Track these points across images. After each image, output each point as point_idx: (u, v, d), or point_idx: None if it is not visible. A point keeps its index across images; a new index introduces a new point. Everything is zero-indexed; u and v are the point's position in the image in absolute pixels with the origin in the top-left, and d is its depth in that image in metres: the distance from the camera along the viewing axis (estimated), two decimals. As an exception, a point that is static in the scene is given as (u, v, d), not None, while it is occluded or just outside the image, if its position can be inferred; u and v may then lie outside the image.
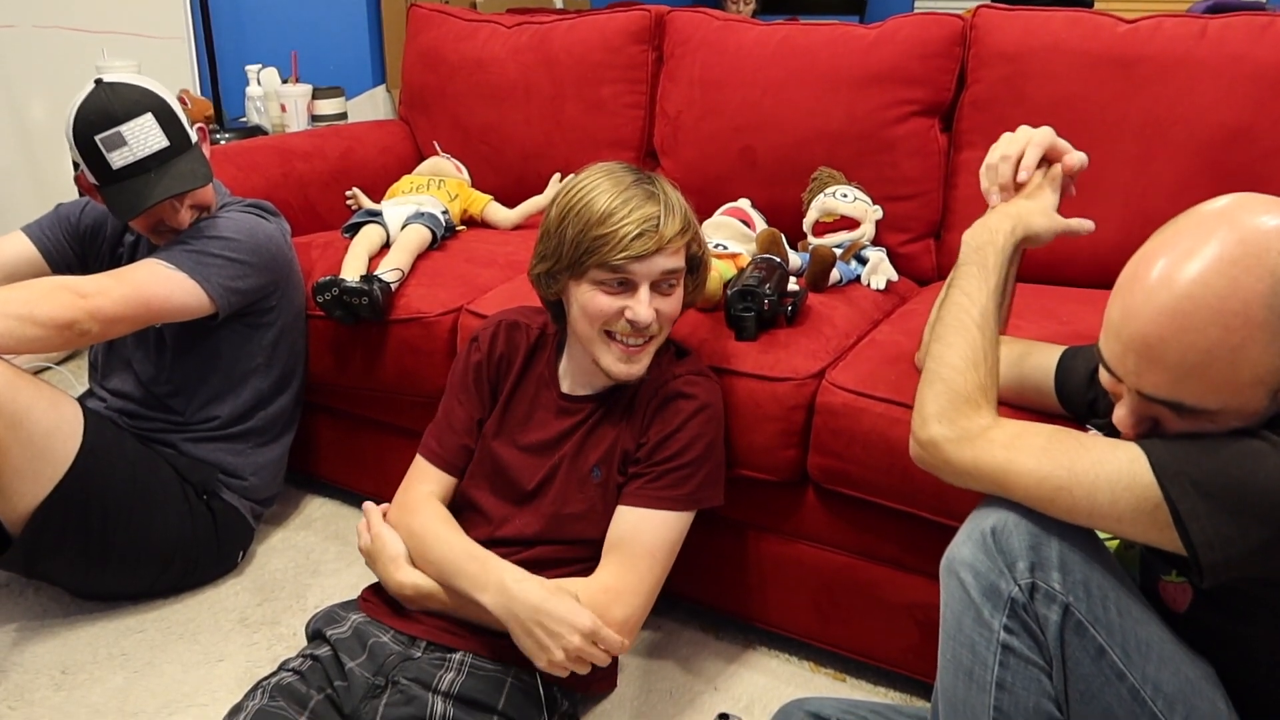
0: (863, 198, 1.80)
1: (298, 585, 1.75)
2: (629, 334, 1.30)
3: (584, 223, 1.25)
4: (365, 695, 1.24)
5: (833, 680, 1.55)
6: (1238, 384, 0.85)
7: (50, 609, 1.67)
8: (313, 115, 2.61)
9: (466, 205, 2.17)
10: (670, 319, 1.33)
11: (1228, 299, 0.83)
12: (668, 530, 1.32)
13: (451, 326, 1.73)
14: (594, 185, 1.28)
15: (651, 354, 1.34)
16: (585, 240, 1.25)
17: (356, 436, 1.95)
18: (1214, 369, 0.85)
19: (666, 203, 1.27)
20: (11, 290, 1.45)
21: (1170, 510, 0.86)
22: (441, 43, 2.35)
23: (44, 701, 1.46)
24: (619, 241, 1.23)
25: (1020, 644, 0.91)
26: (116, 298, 1.49)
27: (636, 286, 1.27)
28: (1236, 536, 0.84)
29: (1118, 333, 0.90)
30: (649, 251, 1.24)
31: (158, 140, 1.56)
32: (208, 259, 1.60)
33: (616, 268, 1.25)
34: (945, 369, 1.04)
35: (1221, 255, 0.84)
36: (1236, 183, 1.65)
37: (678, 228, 1.27)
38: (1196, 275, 0.84)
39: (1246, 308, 0.83)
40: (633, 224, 1.24)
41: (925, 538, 1.35)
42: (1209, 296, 0.84)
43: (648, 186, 1.28)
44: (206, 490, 1.70)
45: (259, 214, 1.73)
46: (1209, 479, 0.85)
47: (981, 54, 1.83)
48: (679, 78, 2.08)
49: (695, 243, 1.33)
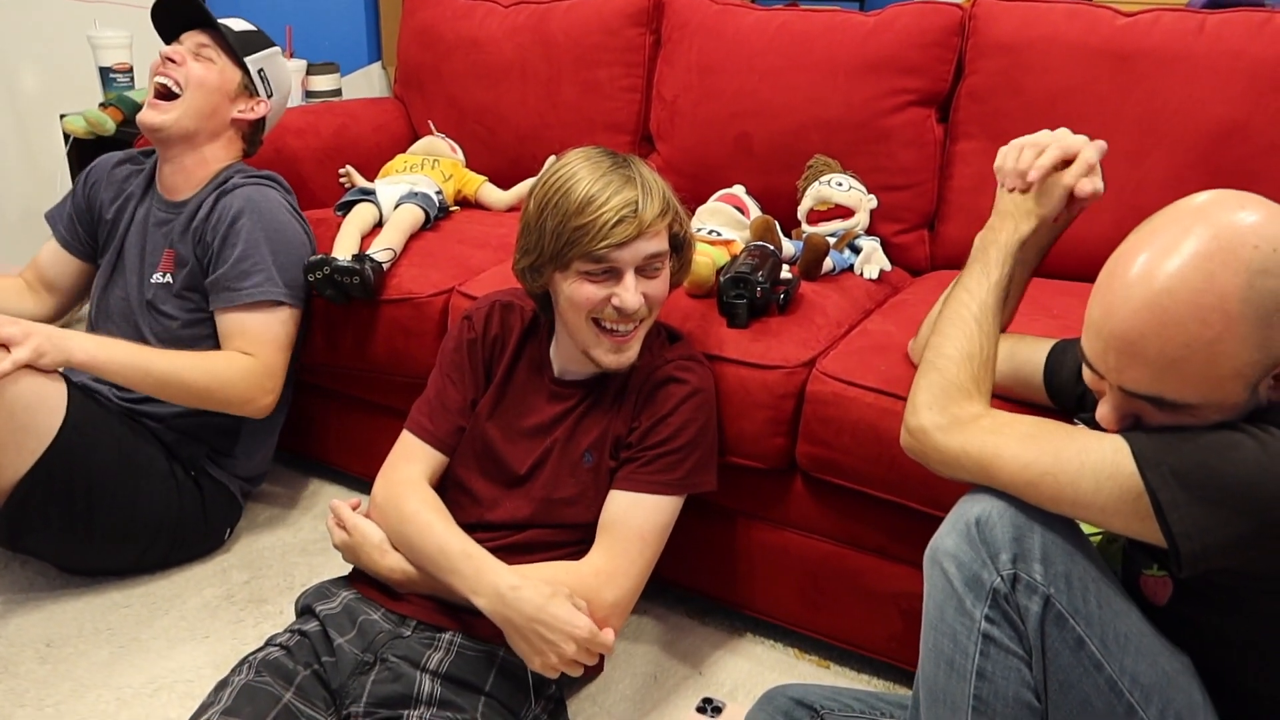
0: (858, 186, 1.80)
1: (285, 564, 1.75)
2: (617, 320, 1.29)
3: (563, 214, 1.24)
4: (353, 671, 1.24)
5: (817, 667, 1.56)
6: (1217, 377, 0.86)
7: (36, 582, 1.66)
8: (307, 91, 2.59)
9: (460, 186, 2.16)
10: (658, 301, 1.33)
11: (1204, 294, 0.84)
12: (659, 514, 1.33)
13: (443, 308, 1.73)
14: (569, 174, 1.26)
15: (641, 339, 1.34)
16: (565, 231, 1.24)
17: (347, 416, 1.95)
18: (1193, 363, 0.86)
19: (644, 185, 1.26)
20: (221, 377, 1.61)
21: (1151, 500, 0.87)
22: (438, 21, 2.34)
23: (29, 675, 1.46)
24: (599, 230, 1.22)
25: (1001, 634, 0.92)
26: (280, 361, 1.68)
27: (621, 273, 1.26)
28: (1214, 526, 0.85)
29: (1098, 330, 0.91)
30: (630, 237, 1.24)
31: (235, 24, 1.75)
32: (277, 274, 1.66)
33: (599, 257, 1.24)
34: (940, 359, 1.06)
35: (1198, 251, 0.85)
36: (1232, 178, 1.65)
37: (657, 210, 1.26)
38: (1174, 271, 0.86)
39: (1223, 302, 0.84)
40: (611, 211, 1.22)
41: (911, 527, 1.36)
42: (1186, 292, 0.85)
43: (624, 170, 1.27)
44: (194, 466, 1.70)
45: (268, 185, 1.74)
46: (1189, 469, 0.86)
47: (980, 44, 1.82)
48: (676, 62, 2.07)
49: (677, 223, 1.32)
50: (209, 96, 1.69)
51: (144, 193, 1.77)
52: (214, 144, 1.73)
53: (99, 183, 1.81)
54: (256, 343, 1.65)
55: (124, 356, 1.54)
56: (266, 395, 1.66)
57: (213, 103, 1.70)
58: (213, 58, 1.70)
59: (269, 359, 1.66)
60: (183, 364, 1.57)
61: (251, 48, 1.75)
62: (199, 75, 1.68)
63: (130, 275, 1.73)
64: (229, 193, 1.68)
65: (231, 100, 1.73)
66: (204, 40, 1.71)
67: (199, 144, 1.71)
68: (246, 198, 1.66)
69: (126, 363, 1.53)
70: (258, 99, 1.76)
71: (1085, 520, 0.94)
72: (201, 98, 1.69)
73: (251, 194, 1.67)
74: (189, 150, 1.71)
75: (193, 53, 1.70)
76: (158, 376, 1.55)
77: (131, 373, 1.53)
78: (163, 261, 1.70)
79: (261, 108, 1.77)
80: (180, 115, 1.67)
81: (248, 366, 1.63)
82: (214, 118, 1.71)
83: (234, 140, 1.77)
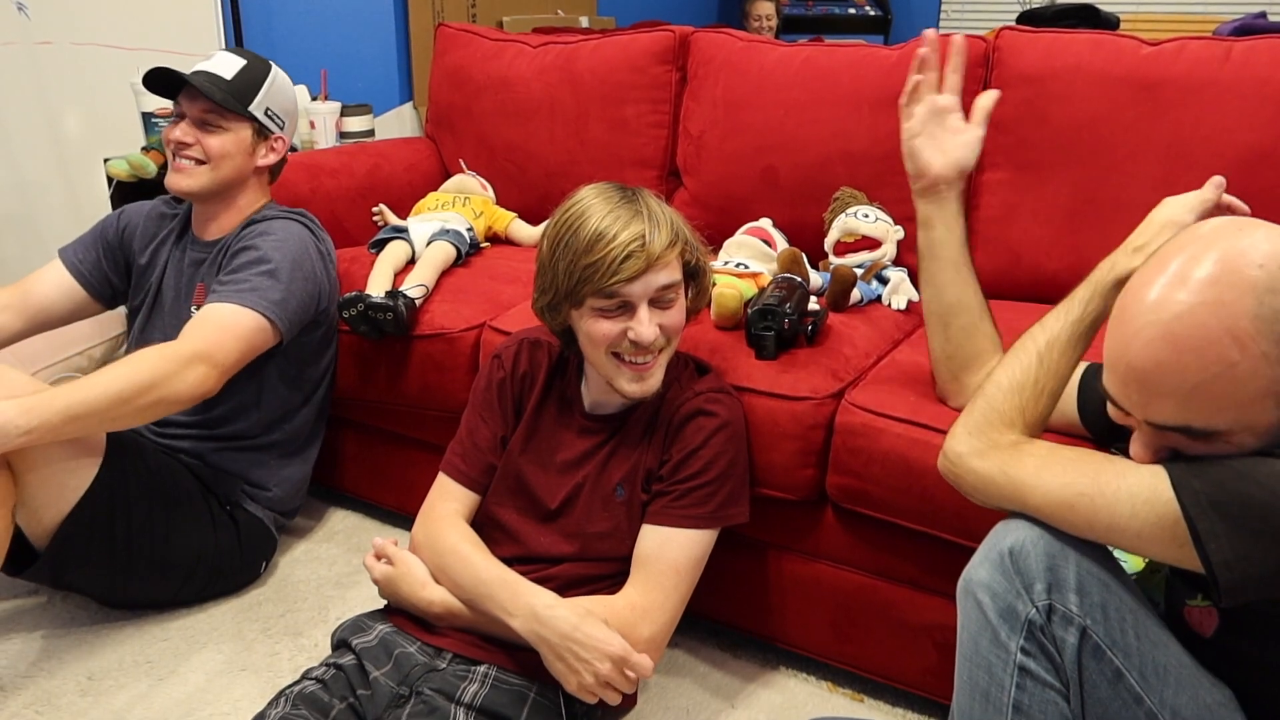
0: (884, 218, 1.81)
1: (320, 597, 1.76)
2: (635, 353, 1.30)
3: (573, 253, 1.26)
4: (388, 704, 1.25)
5: (850, 700, 1.55)
6: (1242, 400, 0.86)
7: (78, 617, 1.69)
8: (341, 132, 2.65)
9: (491, 222, 2.19)
10: (675, 330, 1.33)
11: (1213, 318, 0.85)
12: (692, 548, 1.33)
13: (474, 342, 1.75)
14: (578, 213, 1.28)
15: (663, 367, 1.35)
16: (577, 270, 1.26)
17: (379, 450, 1.97)
18: (1215, 388, 0.86)
19: (651, 217, 1.27)
20: (135, 369, 1.47)
21: (1189, 529, 0.86)
22: (468, 62, 2.39)
23: (70, 707, 1.48)
24: (609, 266, 1.24)
25: (1037, 666, 0.91)
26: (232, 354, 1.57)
27: (635, 307, 1.27)
28: (1256, 557, 0.84)
29: (1115, 365, 0.92)
30: (639, 271, 1.25)
31: (225, 70, 1.69)
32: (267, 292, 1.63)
33: (611, 292, 1.26)
34: (992, 387, 1.07)
35: (1205, 277, 0.86)
36: (1261, 205, 1.63)
37: (666, 241, 1.26)
38: (1182, 299, 0.87)
39: (1235, 324, 0.84)
40: (619, 247, 1.24)
41: (944, 558, 1.35)
42: (1195, 318, 0.86)
43: (631, 204, 1.28)
44: (230, 501, 1.72)
45: (295, 220, 1.76)
46: (1229, 499, 0.86)
47: (1004, 75, 1.83)
48: (702, 98, 2.10)
49: (689, 251, 1.33)
50: (231, 161, 1.71)
51: (180, 236, 1.81)
52: (244, 192, 1.77)
53: (133, 228, 1.83)
54: (208, 327, 1.57)
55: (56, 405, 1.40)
56: (190, 371, 1.50)
57: (235, 164, 1.71)
58: (220, 124, 1.68)
59: (205, 344, 1.54)
60: (102, 378, 1.46)
61: (250, 91, 1.70)
62: (216, 147, 1.68)
63: (169, 316, 1.76)
64: (257, 223, 1.72)
65: (251, 154, 1.74)
66: (204, 106, 1.67)
67: (230, 196, 1.75)
68: (269, 228, 1.70)
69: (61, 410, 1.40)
70: (274, 137, 1.77)
71: (1121, 546, 0.94)
72: (226, 166, 1.70)
73: (275, 225, 1.71)
74: (220, 201, 1.75)
75: (198, 125, 1.68)
76: (86, 406, 1.42)
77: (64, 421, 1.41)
78: (195, 295, 1.73)
79: (281, 145, 1.78)
80: (207, 182, 1.70)
81: (162, 349, 1.53)
82: (239, 173, 1.73)
83: (262, 181, 1.80)
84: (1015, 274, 1.83)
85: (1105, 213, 1.75)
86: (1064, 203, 1.78)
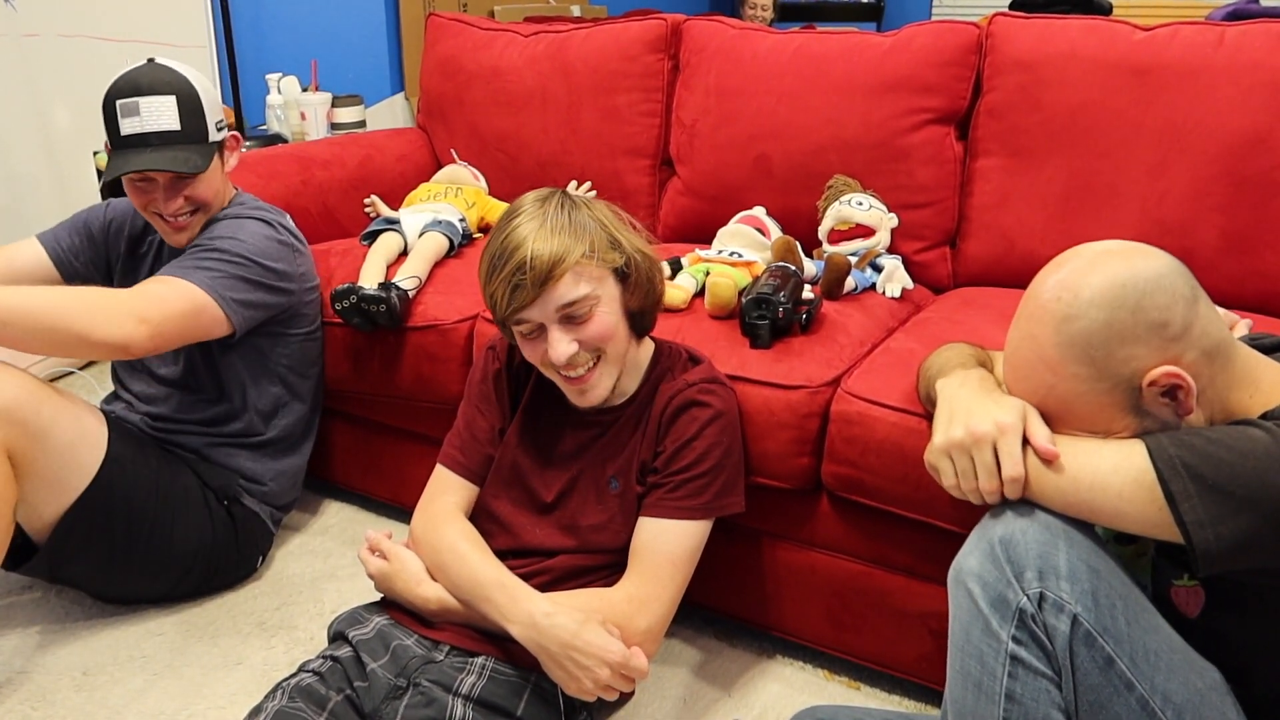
0: (878, 205, 1.80)
1: (315, 590, 1.76)
2: (564, 368, 1.30)
3: (482, 284, 1.29)
4: (386, 696, 1.25)
5: (846, 688, 1.56)
6: (1083, 414, 0.97)
7: (72, 612, 1.69)
8: (332, 123, 2.64)
9: (483, 213, 2.18)
10: (601, 339, 1.28)
11: (1029, 350, 0.98)
12: (688, 539, 1.33)
13: (468, 334, 1.75)
14: (489, 240, 1.28)
15: (610, 373, 1.33)
16: (487, 300, 1.29)
17: (373, 442, 1.97)
18: (1052, 407, 0.98)
19: (538, 235, 1.22)
20: (72, 300, 1.45)
21: (1163, 491, 0.89)
22: (459, 52, 2.38)
23: (65, 703, 1.48)
24: (503, 299, 1.24)
25: (1029, 654, 0.92)
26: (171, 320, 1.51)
27: (547, 328, 1.27)
28: (1226, 515, 0.86)
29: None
30: (530, 299, 1.23)
31: (170, 121, 1.57)
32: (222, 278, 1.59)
33: (518, 320, 1.27)
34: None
35: (1020, 315, 1.01)
36: (1253, 190, 1.64)
37: (555, 257, 1.21)
38: (1011, 336, 1.02)
39: (1043, 351, 0.97)
40: (501, 283, 1.23)
41: (939, 546, 1.35)
42: (1020, 352, 1.00)
43: (533, 220, 1.24)
44: (227, 496, 1.72)
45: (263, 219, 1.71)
46: (1200, 461, 0.88)
47: (997, 62, 1.83)
48: (695, 86, 2.09)
49: (612, 255, 1.27)
50: (216, 191, 1.66)
51: None
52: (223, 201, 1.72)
53: (120, 224, 1.80)
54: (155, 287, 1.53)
55: None
56: (124, 322, 1.46)
57: (218, 189, 1.67)
58: (192, 177, 1.60)
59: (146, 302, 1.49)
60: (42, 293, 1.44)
61: (199, 121, 1.60)
62: (205, 191, 1.63)
63: None
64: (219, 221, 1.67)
65: (223, 169, 1.69)
66: (170, 175, 1.58)
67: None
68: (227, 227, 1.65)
69: None
70: (228, 138, 1.70)
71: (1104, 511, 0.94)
72: (214, 197, 1.66)
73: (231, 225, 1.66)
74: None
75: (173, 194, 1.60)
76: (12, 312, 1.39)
77: None
78: None
79: (235, 140, 1.73)
80: (204, 220, 1.67)
81: (104, 290, 1.49)
82: (223, 192, 1.70)
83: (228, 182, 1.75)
84: (1009, 260, 1.83)
85: (1098, 198, 1.75)
86: (1057, 189, 1.78)
